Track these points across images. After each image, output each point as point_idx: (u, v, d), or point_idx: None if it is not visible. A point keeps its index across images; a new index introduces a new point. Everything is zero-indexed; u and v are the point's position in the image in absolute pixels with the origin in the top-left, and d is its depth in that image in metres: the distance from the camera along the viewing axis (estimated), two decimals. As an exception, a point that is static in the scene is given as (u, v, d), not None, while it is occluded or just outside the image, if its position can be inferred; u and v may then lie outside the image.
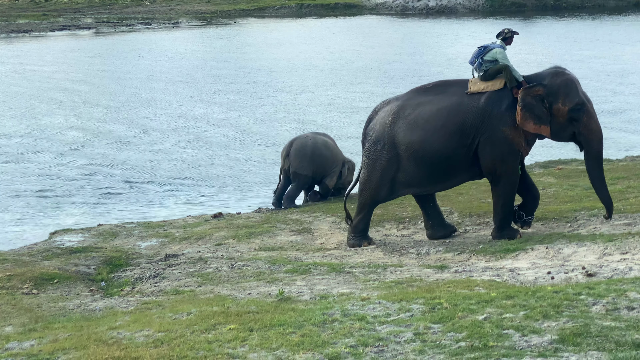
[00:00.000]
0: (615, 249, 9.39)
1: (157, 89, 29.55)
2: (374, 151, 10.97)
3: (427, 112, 10.70)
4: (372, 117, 11.28)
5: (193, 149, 20.77)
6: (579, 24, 44.73)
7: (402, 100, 11.01)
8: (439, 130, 10.58)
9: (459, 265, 9.63)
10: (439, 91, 10.86)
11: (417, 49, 36.99)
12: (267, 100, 26.82)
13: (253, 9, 56.10)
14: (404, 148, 10.74)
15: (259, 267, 9.90)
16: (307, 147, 14.51)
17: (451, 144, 10.57)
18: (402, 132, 10.76)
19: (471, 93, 10.67)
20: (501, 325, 6.24)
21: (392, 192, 11.05)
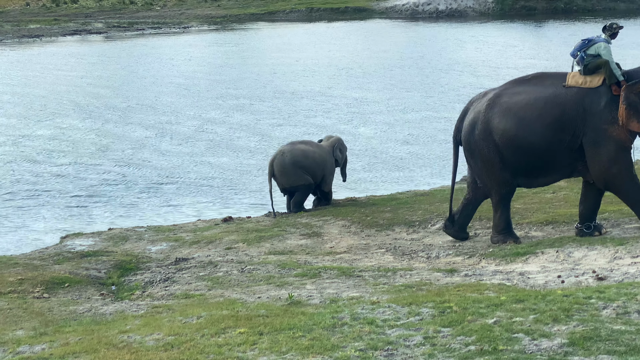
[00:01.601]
0: (626, 252, 9.37)
1: (169, 93, 29.60)
2: (474, 143, 10.66)
3: (523, 101, 10.40)
4: (467, 109, 10.97)
5: (204, 153, 20.78)
6: (590, 27, 44.61)
7: (499, 90, 10.72)
8: (535, 121, 10.28)
9: (468, 269, 9.62)
10: (536, 82, 10.55)
11: (427, 53, 36.96)
12: (279, 104, 26.84)
13: (263, 13, 56.16)
14: (499, 135, 10.44)
15: (268, 271, 9.91)
16: (290, 163, 14.13)
17: (547, 136, 10.25)
18: (497, 118, 10.46)
19: (569, 86, 10.33)
20: (511, 329, 6.24)
21: (512, 180, 10.65)
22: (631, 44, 36.26)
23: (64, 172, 19.17)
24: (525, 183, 10.84)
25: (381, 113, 24.46)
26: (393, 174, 18.24)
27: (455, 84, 29.06)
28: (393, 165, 18.96)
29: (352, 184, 17.42)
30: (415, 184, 16.84)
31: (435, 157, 19.58)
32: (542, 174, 10.58)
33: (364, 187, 17.06)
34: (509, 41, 40.12)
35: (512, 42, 39.84)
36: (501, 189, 10.73)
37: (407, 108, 25.18)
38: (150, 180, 18.36)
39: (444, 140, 20.91)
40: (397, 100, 26.50)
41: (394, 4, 54.94)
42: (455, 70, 31.91)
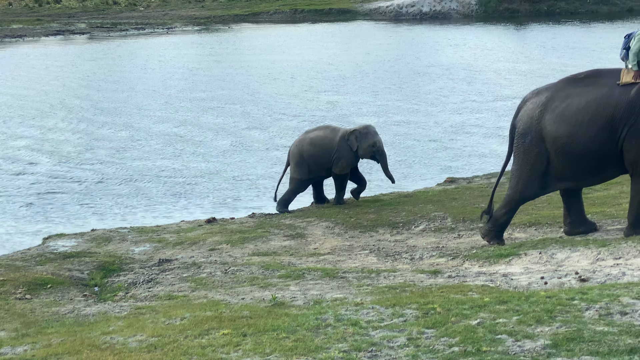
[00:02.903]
0: (609, 254, 9.40)
1: (152, 94, 29.54)
2: (522, 145, 10.48)
3: (575, 105, 10.13)
4: (521, 107, 10.72)
5: (188, 154, 20.75)
6: (572, 30, 44.84)
7: (551, 92, 10.42)
8: (587, 124, 10.02)
9: (452, 270, 9.63)
10: (589, 82, 10.25)
11: (408, 56, 36.97)
12: (261, 105, 26.82)
13: (247, 14, 56.11)
14: (551, 142, 10.23)
15: (252, 272, 9.89)
16: (296, 152, 14.71)
17: (600, 138, 9.99)
18: (549, 125, 10.22)
19: (623, 84, 10.03)
20: (494, 330, 6.25)
21: (544, 187, 10.52)
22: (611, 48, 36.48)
23: (46, 172, 19.09)
24: (573, 185, 10.57)
25: (361, 115, 24.46)
26: (376, 175, 18.25)
27: (434, 87, 29.09)
28: (376, 167, 18.98)
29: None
30: (398, 186, 16.85)
31: (417, 159, 19.63)
32: (595, 174, 10.36)
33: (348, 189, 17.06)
34: (491, 44, 40.24)
35: (494, 44, 39.96)
36: (527, 192, 10.57)
37: (386, 111, 25.17)
38: (133, 181, 18.31)
39: (425, 143, 20.98)
40: (377, 103, 26.49)
41: (377, 6, 55.01)
42: (436, 74, 31.92)
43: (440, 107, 25.27)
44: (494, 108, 25.12)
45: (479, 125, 22.87)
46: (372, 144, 14.37)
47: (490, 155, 19.71)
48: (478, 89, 28.33)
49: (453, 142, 21.10)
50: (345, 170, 14.53)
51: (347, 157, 14.46)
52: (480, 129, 22.39)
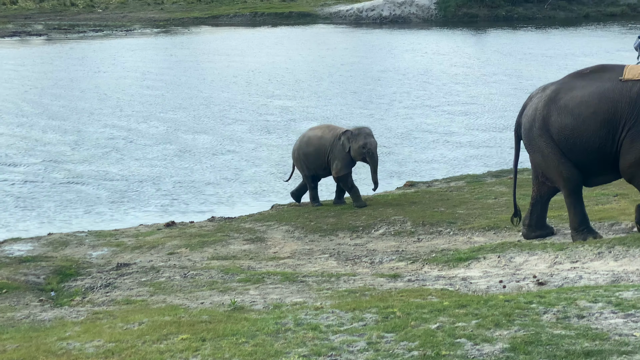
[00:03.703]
0: (566, 257, 9.49)
1: (104, 97, 29.31)
2: (534, 139, 10.33)
3: (579, 97, 10.00)
4: (527, 103, 10.59)
5: (146, 157, 20.63)
6: (530, 35, 45.25)
7: (557, 85, 10.33)
8: (590, 118, 9.89)
9: (412, 274, 9.66)
10: (594, 77, 10.11)
11: (365, 60, 37.03)
12: (214, 109, 26.73)
13: (207, 17, 55.89)
14: (556, 131, 10.10)
15: (211, 276, 9.84)
16: (294, 150, 14.96)
17: (601, 133, 9.86)
18: (554, 115, 10.10)
19: (625, 80, 9.88)
20: (454, 334, 6.27)
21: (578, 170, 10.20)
22: (568, 54, 36.87)
23: (0, 176, 18.86)
24: (584, 181, 10.40)
25: (312, 120, 24.44)
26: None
27: (389, 92, 29.11)
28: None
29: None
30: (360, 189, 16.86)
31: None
32: (600, 172, 10.22)
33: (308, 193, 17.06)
34: (448, 48, 40.41)
35: (451, 49, 40.14)
36: (569, 182, 10.29)
37: (339, 116, 25.10)
38: (91, 184, 18.16)
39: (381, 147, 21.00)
40: (329, 108, 26.43)
41: (338, 10, 55.08)
42: (391, 78, 31.92)
43: (394, 112, 25.32)
44: (449, 113, 25.22)
45: (430, 131, 22.89)
46: (362, 145, 14.09)
47: (448, 159, 19.82)
48: (432, 94, 28.42)
49: (409, 147, 21.16)
50: (342, 172, 14.29)
51: (341, 159, 14.25)
52: (432, 135, 22.45)
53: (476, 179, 16.08)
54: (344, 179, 14.36)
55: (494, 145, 21.13)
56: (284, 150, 20.99)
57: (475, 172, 17.08)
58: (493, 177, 16.19)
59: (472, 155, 20.07)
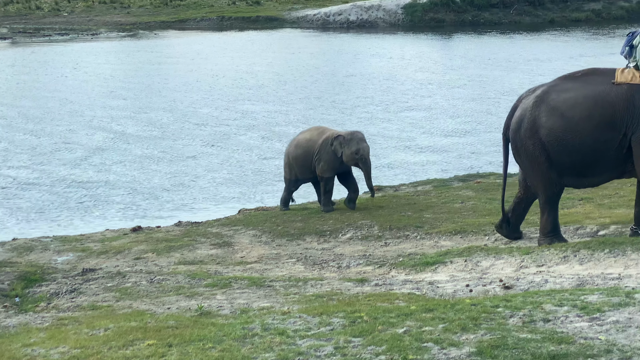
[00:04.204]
0: (532, 261, 9.55)
1: (69, 101, 29.09)
2: (520, 141, 10.27)
3: (572, 99, 9.94)
4: (516, 106, 10.52)
5: (112, 162, 20.50)
6: (495, 40, 45.53)
7: (548, 87, 10.26)
8: (585, 120, 9.82)
9: (379, 278, 9.67)
10: (586, 80, 10.07)
11: (334, 64, 37.05)
12: (177, 114, 26.60)
13: (174, 21, 55.66)
14: (545, 133, 10.03)
15: (178, 281, 9.80)
16: (285, 152, 14.77)
17: (597, 135, 9.77)
18: (544, 116, 10.04)
19: (618, 83, 9.84)
20: (420, 339, 6.28)
21: (560, 179, 10.22)
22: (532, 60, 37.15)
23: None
24: (573, 183, 10.40)
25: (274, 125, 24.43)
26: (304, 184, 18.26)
27: (351, 96, 29.10)
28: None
29: (263, 194, 17.42)
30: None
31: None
32: (591, 174, 10.13)
33: (277, 197, 17.04)
34: (414, 53, 40.52)
35: (417, 54, 40.24)
36: (548, 190, 10.31)
37: (301, 120, 25.07)
38: (56, 189, 18.01)
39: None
40: (291, 113, 26.38)
41: (305, 14, 55.12)
42: (355, 83, 31.88)
43: (357, 117, 25.32)
44: (412, 118, 25.23)
45: (394, 136, 22.88)
46: (355, 151, 13.78)
47: (413, 164, 19.88)
48: (396, 99, 28.45)
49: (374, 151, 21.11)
50: (326, 173, 14.03)
51: (327, 160, 14.02)
52: (396, 140, 22.47)
53: (443, 183, 16.14)
54: (326, 181, 14.09)
55: (459, 150, 21.23)
56: (248, 154, 20.97)
57: (442, 177, 17.14)
58: (460, 182, 16.26)
59: (438, 160, 20.14)
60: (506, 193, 11.13)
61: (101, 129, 24.35)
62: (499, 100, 27.34)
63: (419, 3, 53.59)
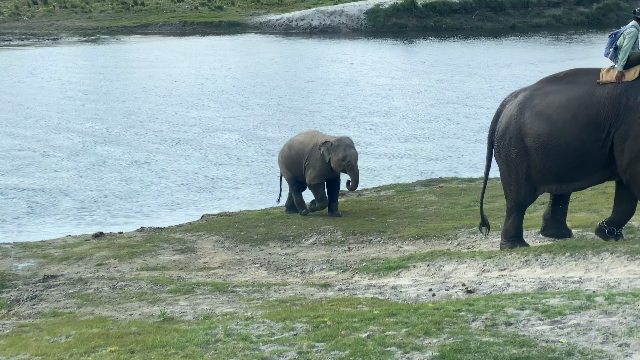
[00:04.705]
0: (494, 265, 9.61)
1: (26, 107, 28.81)
2: (503, 147, 10.21)
3: (556, 102, 9.88)
4: (500, 110, 10.42)
5: (73, 168, 20.34)
6: (456, 45, 45.80)
7: (530, 91, 10.20)
8: (569, 122, 9.78)
9: (342, 283, 9.68)
10: (569, 80, 10.02)
11: (294, 69, 37.03)
12: (133, 120, 26.42)
13: (135, 25, 55.36)
14: (531, 140, 9.96)
15: (141, 288, 9.74)
16: (280, 154, 14.65)
17: (583, 137, 9.71)
18: (529, 122, 9.96)
19: (603, 83, 9.76)
20: (384, 343, 6.30)
21: (535, 190, 10.22)
22: (492, 65, 37.41)
23: None
24: (559, 189, 10.29)
25: (229, 132, 24.38)
26: (264, 188, 18.25)
27: (309, 102, 29.13)
28: (264, 181, 18.97)
29: (226, 200, 17.38)
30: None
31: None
32: (578, 178, 10.05)
33: (239, 202, 17.02)
34: (375, 58, 40.62)
35: (378, 59, 40.34)
36: (520, 197, 10.30)
37: (258, 127, 25.06)
38: (15, 195, 17.84)
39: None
40: (249, 119, 26.33)
41: (268, 19, 55.09)
42: (315, 89, 31.90)
43: (316, 123, 25.33)
44: (372, 123, 25.24)
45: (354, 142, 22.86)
46: (342, 158, 13.58)
47: (375, 169, 19.93)
48: (355, 104, 28.44)
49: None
50: (315, 180, 13.85)
51: (316, 167, 13.82)
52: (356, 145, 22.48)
53: (406, 188, 16.21)
54: (315, 188, 13.93)
55: (418, 155, 21.28)
56: (209, 160, 20.89)
57: (405, 182, 17.20)
58: (422, 186, 16.33)
59: (397, 165, 20.20)
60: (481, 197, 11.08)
61: (59, 135, 24.14)
62: (459, 106, 27.52)
63: (381, 8, 53.78)
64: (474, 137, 23.01)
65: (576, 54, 40.36)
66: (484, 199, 11.18)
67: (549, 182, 10.14)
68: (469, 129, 24.14)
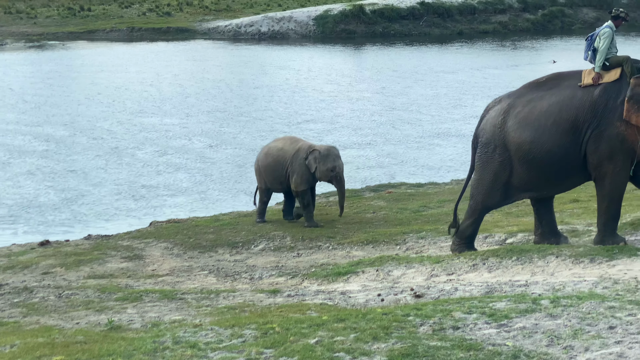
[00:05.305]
0: (442, 270, 9.67)
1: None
2: (485, 154, 10.16)
3: (537, 109, 9.85)
4: (484, 116, 10.38)
5: (15, 176, 20.07)
6: (404, 51, 46.09)
7: (513, 98, 10.15)
8: (551, 128, 9.75)
9: (291, 289, 9.68)
10: (551, 85, 9.99)
11: (241, 76, 36.91)
12: (74, 128, 26.14)
13: (82, 31, 54.83)
14: (514, 149, 9.92)
15: (88, 296, 9.64)
16: (255, 161, 14.35)
17: (564, 142, 9.71)
18: (512, 132, 9.92)
19: (585, 86, 9.75)
20: (332, 349, 6.30)
21: (507, 197, 10.20)
22: (438, 71, 37.72)
23: None
24: (537, 195, 10.25)
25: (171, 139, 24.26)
26: (212, 194, 18.19)
27: (253, 108, 29.10)
28: (211, 187, 18.90)
29: (174, 207, 17.29)
30: (237, 206, 16.84)
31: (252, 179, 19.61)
32: (560, 181, 10.06)
33: (188, 209, 16.93)
34: (322, 64, 40.72)
35: (325, 65, 40.43)
36: (489, 200, 10.25)
37: (198, 133, 24.99)
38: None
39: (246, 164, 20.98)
40: (190, 125, 26.21)
41: (216, 25, 54.93)
42: (261, 95, 31.87)
43: (256, 129, 25.33)
44: (314, 130, 25.19)
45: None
46: (331, 168, 13.40)
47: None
48: (299, 111, 28.45)
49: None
50: (301, 187, 13.58)
51: (300, 173, 13.58)
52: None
53: (355, 193, 16.25)
54: (301, 195, 13.68)
55: (363, 161, 21.35)
56: (149, 168, 20.72)
57: (354, 187, 17.25)
58: (371, 192, 16.40)
59: (345, 171, 20.25)
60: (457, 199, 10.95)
61: (5, 143, 23.80)
62: (403, 113, 27.66)
63: (330, 15, 53.95)
64: (418, 143, 23.17)
65: (521, 60, 40.85)
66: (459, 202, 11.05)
67: (530, 189, 10.14)
68: (413, 135, 24.28)
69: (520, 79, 33.12)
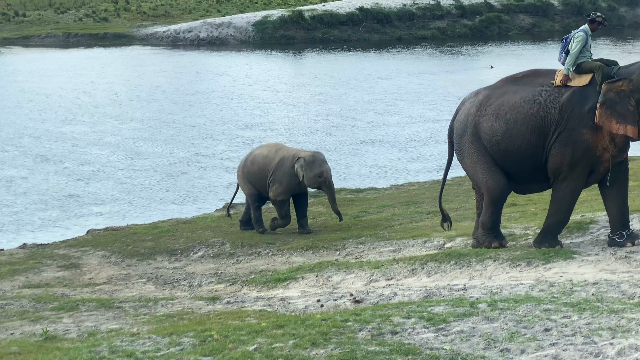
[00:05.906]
0: (381, 275, 9.70)
1: None
2: (462, 145, 10.09)
3: (510, 102, 9.81)
4: (459, 108, 10.31)
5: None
6: (344, 57, 46.25)
7: (489, 90, 10.13)
8: (520, 123, 9.73)
9: (230, 296, 9.63)
10: (527, 81, 9.96)
11: (176, 82, 36.57)
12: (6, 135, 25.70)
13: (17, 37, 53.96)
14: (487, 138, 9.89)
15: (22, 306, 9.48)
16: (239, 168, 13.97)
17: (532, 140, 9.70)
18: (485, 121, 9.89)
19: (557, 86, 9.74)
20: (271, 355, 6.28)
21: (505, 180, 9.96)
22: (377, 77, 37.89)
23: None
24: (517, 189, 10.25)
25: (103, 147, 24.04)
26: (152, 203, 18.04)
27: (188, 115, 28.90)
28: (149, 194, 18.74)
29: (111, 214, 17.10)
30: (177, 212, 16.73)
31: (194, 185, 19.52)
32: (532, 180, 10.01)
33: (126, 216, 16.77)
34: (260, 71, 40.60)
35: (263, 71, 40.32)
36: (491, 193, 10.05)
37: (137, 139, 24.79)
38: None
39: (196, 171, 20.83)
40: (123, 133, 25.97)
41: (154, 31, 54.50)
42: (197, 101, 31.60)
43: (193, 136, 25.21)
44: (248, 137, 25.06)
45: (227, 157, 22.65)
46: (318, 174, 13.10)
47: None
48: (233, 118, 28.33)
49: (219, 170, 21.00)
50: (281, 196, 13.28)
51: (283, 182, 13.26)
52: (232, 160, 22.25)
53: (294, 199, 16.22)
54: (280, 204, 13.37)
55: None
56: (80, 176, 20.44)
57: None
58: (311, 198, 16.39)
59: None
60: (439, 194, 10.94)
61: None
62: (338, 119, 27.72)
63: (269, 20, 53.91)
64: (353, 149, 23.24)
65: (458, 66, 41.25)
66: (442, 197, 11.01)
67: (511, 180, 10.04)
68: (348, 141, 24.35)
69: (457, 84, 33.56)
